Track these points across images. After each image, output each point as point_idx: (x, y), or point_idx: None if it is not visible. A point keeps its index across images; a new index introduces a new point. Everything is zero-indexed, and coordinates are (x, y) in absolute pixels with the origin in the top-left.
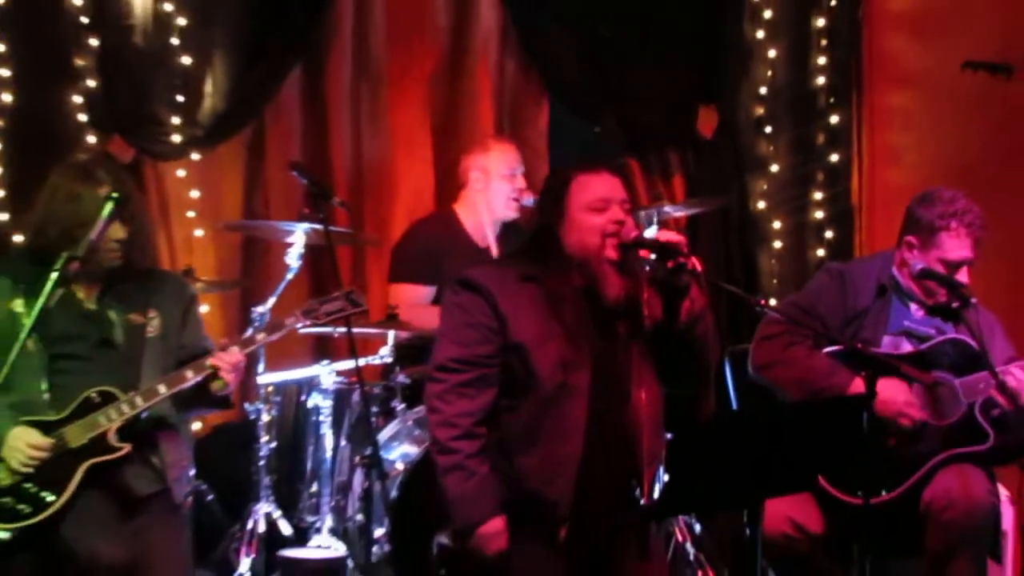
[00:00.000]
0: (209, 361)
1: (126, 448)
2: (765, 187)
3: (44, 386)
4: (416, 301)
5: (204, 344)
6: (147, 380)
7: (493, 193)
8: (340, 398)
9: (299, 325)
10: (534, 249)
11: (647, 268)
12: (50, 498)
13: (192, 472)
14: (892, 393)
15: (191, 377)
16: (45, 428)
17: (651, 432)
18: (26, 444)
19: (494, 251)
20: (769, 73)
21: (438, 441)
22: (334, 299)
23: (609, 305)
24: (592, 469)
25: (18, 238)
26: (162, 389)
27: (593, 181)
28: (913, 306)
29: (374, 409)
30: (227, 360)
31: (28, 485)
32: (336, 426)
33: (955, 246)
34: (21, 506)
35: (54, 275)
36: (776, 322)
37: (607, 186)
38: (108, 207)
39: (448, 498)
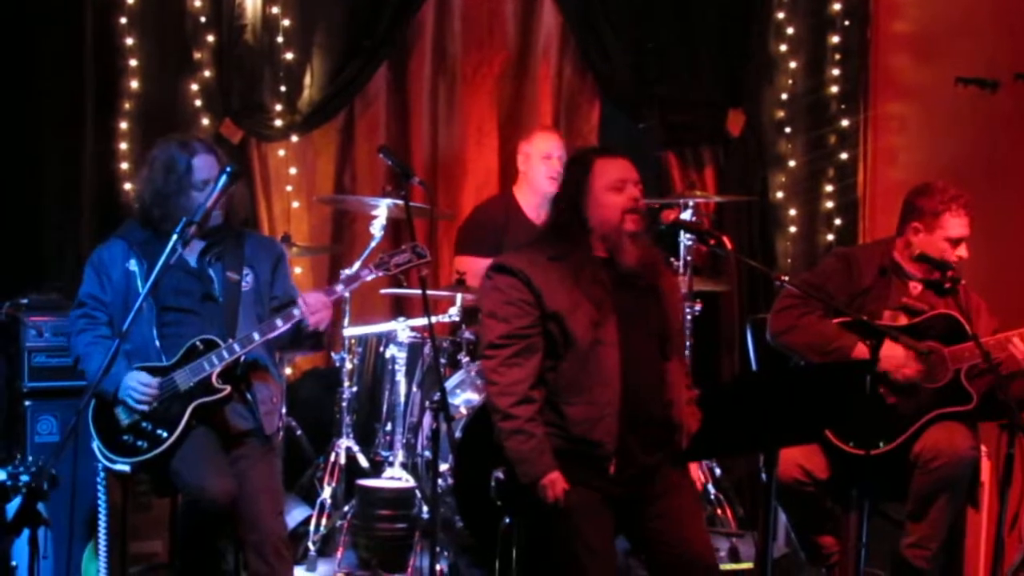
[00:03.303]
0: (297, 308)
1: (227, 389)
2: (783, 180)
3: (155, 335)
4: (477, 270)
5: (293, 295)
6: (243, 329)
7: (533, 172)
8: (413, 350)
9: (372, 276)
10: (557, 228)
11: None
12: (164, 435)
13: (283, 410)
14: (893, 351)
15: (280, 325)
16: (157, 372)
17: (677, 380)
18: (138, 382)
19: None
20: (790, 82)
21: (499, 409)
22: (402, 252)
23: (626, 270)
24: (631, 408)
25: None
26: (256, 336)
27: (611, 165)
28: (912, 284)
29: (442, 360)
30: (308, 301)
31: (145, 424)
32: (409, 374)
33: (956, 224)
34: (140, 443)
35: (175, 237)
36: (792, 295)
37: (624, 169)
38: (223, 178)
39: (511, 457)
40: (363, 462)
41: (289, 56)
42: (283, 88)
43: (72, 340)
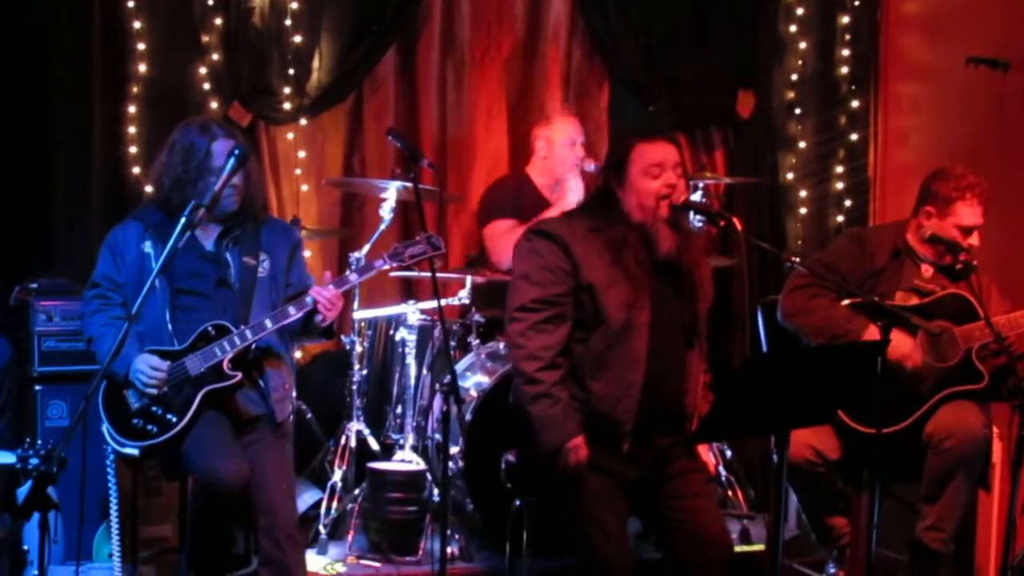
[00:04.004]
0: (309, 297)
1: (238, 376)
2: (793, 161)
3: (168, 318)
4: (505, 230)
5: (307, 282)
6: (257, 315)
7: (555, 159)
8: (423, 333)
9: (386, 266)
10: (596, 206)
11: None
12: (174, 420)
13: (294, 395)
14: (900, 340)
15: (293, 313)
16: (168, 357)
17: (697, 369)
18: (148, 366)
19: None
20: (799, 63)
21: (524, 373)
22: (417, 243)
23: (662, 257)
24: (652, 393)
25: (148, 188)
26: (268, 324)
27: (650, 149)
28: (924, 266)
29: (452, 343)
30: (325, 296)
31: (155, 409)
32: (419, 357)
33: (968, 213)
34: (150, 427)
35: (183, 220)
36: (803, 276)
37: (662, 153)
38: (231, 161)
39: (536, 422)
40: (373, 445)
41: (297, 39)
42: (291, 71)
43: (85, 321)
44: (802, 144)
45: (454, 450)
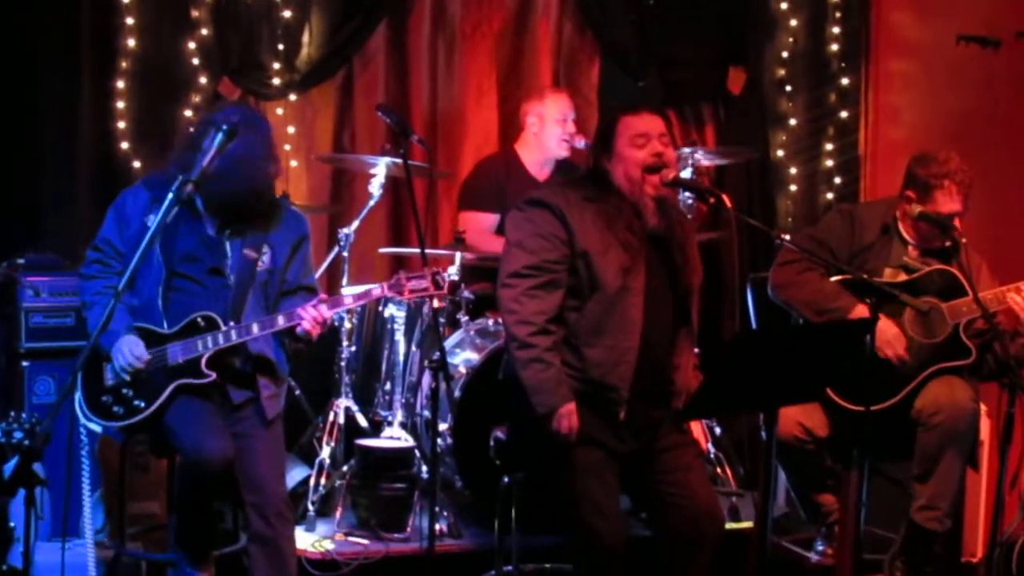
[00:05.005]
0: (298, 310)
1: (212, 376)
2: (784, 138)
3: (160, 297)
4: (482, 227)
5: (303, 282)
6: (250, 311)
7: (547, 135)
8: (412, 310)
9: (383, 296)
10: (589, 180)
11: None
12: (141, 405)
13: (284, 388)
14: (885, 327)
15: (280, 324)
16: (154, 338)
17: (687, 346)
18: (130, 351)
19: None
20: (791, 40)
21: (517, 338)
22: (421, 277)
23: (651, 229)
24: (646, 361)
25: (137, 164)
26: (255, 329)
27: (634, 120)
28: (911, 248)
29: (442, 320)
30: (311, 315)
31: (126, 391)
32: (408, 334)
33: (947, 201)
34: (116, 408)
35: (170, 196)
36: (793, 251)
37: (647, 123)
38: (219, 136)
39: (529, 387)
40: (362, 422)
41: (287, 14)
42: (281, 46)
43: (82, 283)
44: (793, 121)
45: (443, 427)
